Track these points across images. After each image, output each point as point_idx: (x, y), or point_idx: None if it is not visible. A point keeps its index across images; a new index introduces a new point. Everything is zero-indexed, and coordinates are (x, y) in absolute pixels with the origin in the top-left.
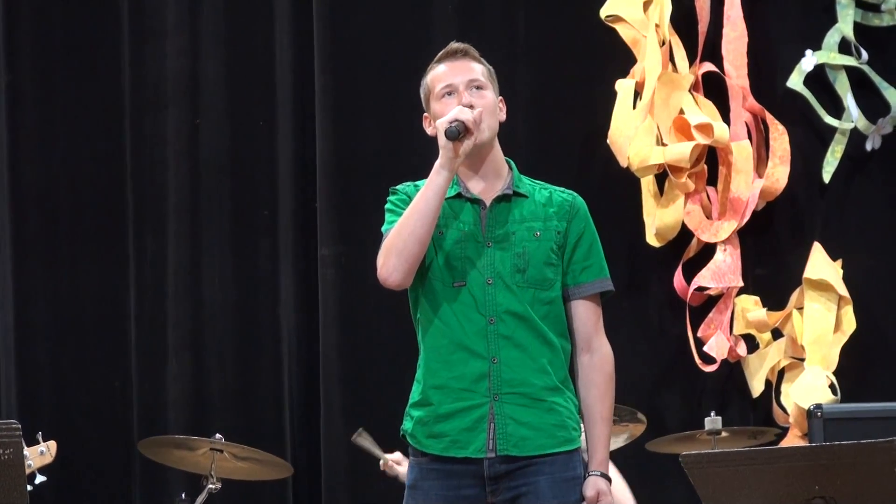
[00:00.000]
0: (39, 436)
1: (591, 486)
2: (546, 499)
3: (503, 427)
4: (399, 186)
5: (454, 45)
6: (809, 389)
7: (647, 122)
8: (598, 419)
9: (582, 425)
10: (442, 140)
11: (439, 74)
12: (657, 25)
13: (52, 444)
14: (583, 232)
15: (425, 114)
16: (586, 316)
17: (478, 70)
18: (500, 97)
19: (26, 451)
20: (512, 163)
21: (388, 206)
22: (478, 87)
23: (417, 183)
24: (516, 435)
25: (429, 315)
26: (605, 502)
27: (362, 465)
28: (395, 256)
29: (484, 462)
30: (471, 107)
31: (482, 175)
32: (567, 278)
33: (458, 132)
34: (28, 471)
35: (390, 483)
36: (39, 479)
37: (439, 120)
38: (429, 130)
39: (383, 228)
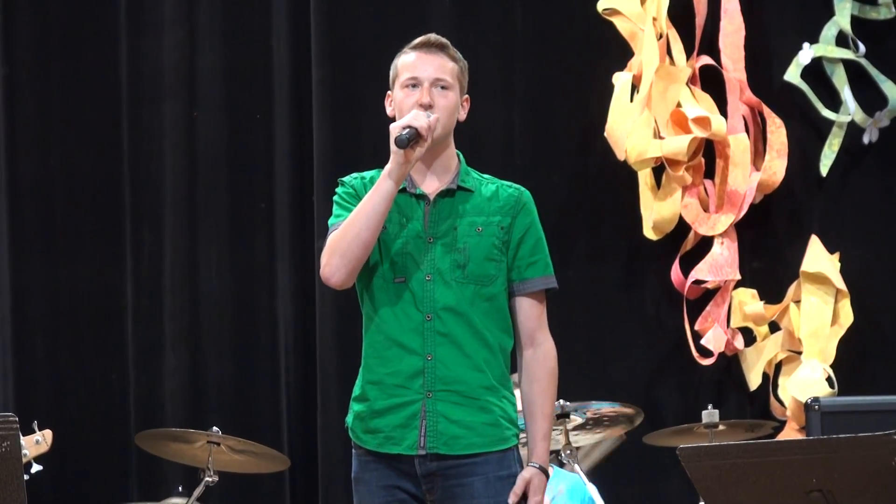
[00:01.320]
0: (35, 425)
1: (521, 476)
2: (481, 498)
3: (434, 425)
4: (346, 178)
5: (432, 36)
6: (807, 382)
7: (644, 116)
8: (539, 415)
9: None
10: (392, 146)
11: (408, 63)
12: (654, 19)
13: (48, 433)
14: (528, 227)
15: (388, 92)
16: (531, 312)
17: (448, 68)
18: (466, 96)
19: (23, 440)
20: (461, 155)
21: (335, 198)
22: (442, 87)
23: (364, 174)
24: (447, 433)
25: (369, 310)
26: (535, 484)
27: None
28: (338, 257)
29: (415, 460)
30: (430, 106)
31: (430, 170)
32: (512, 274)
33: (408, 140)
34: (24, 460)
35: None
36: (36, 468)
37: (392, 124)
38: (388, 110)
39: (329, 221)
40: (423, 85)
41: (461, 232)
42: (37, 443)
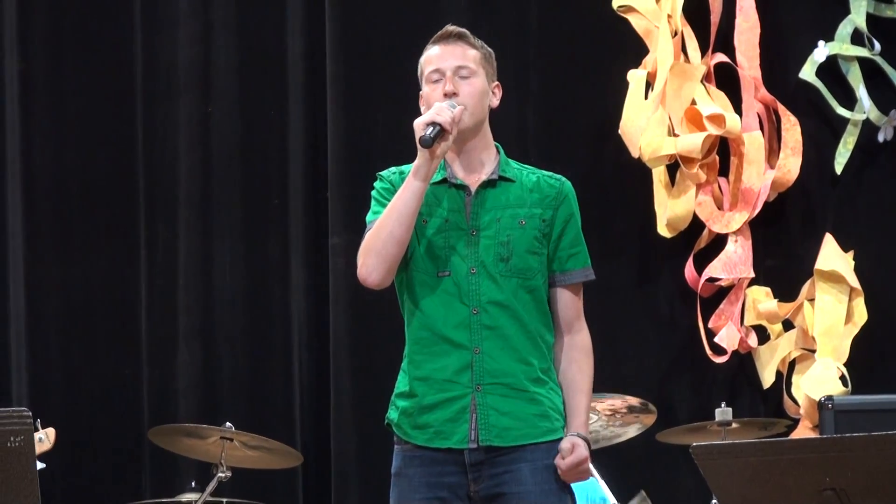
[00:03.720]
0: (38, 423)
1: (567, 440)
2: (527, 485)
3: (485, 418)
4: (384, 172)
5: (449, 27)
6: (820, 381)
7: (658, 113)
8: (577, 390)
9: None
10: (418, 144)
11: (431, 57)
12: (669, 16)
13: (51, 431)
14: (569, 219)
15: (421, 93)
16: (570, 302)
17: (470, 56)
18: (497, 82)
19: None
20: (500, 147)
21: (373, 192)
22: (464, 76)
23: (403, 168)
24: (498, 425)
25: (412, 306)
26: (577, 453)
27: (372, 454)
28: (373, 256)
29: (465, 452)
30: (454, 94)
31: (467, 160)
32: (553, 265)
33: (433, 140)
34: None
35: None
36: (39, 465)
37: (416, 121)
38: (423, 110)
39: (367, 218)
40: (446, 75)
41: (504, 224)
42: (39, 440)
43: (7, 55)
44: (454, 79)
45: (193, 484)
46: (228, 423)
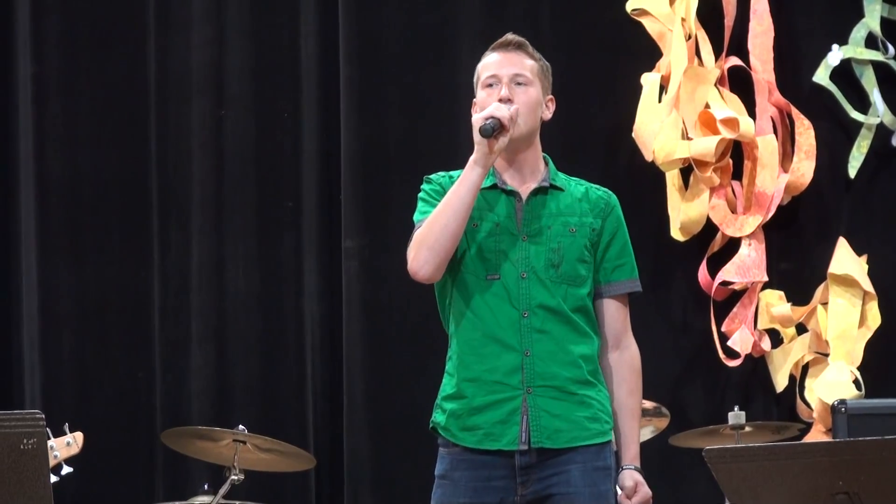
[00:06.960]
0: (66, 427)
1: (628, 477)
2: (577, 486)
3: (536, 420)
4: (434, 176)
5: (509, 36)
6: (833, 385)
7: (672, 116)
8: (629, 415)
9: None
10: (477, 136)
11: (488, 63)
12: (683, 19)
13: (79, 435)
14: (616, 230)
15: (474, 100)
16: (617, 314)
17: (527, 65)
18: (550, 96)
19: (53, 442)
20: (548, 158)
21: (421, 195)
22: (520, 83)
23: (452, 174)
24: (550, 427)
25: (461, 308)
26: (643, 492)
27: (385, 457)
28: (426, 250)
29: (516, 454)
30: (509, 100)
31: (518, 169)
32: (599, 276)
33: (492, 129)
34: (55, 462)
35: (412, 475)
36: (66, 469)
37: (475, 116)
38: (475, 118)
39: (415, 218)
40: (503, 81)
41: (555, 231)
42: (68, 444)
43: (21, 58)
44: (510, 85)
45: (206, 486)
46: (241, 426)
